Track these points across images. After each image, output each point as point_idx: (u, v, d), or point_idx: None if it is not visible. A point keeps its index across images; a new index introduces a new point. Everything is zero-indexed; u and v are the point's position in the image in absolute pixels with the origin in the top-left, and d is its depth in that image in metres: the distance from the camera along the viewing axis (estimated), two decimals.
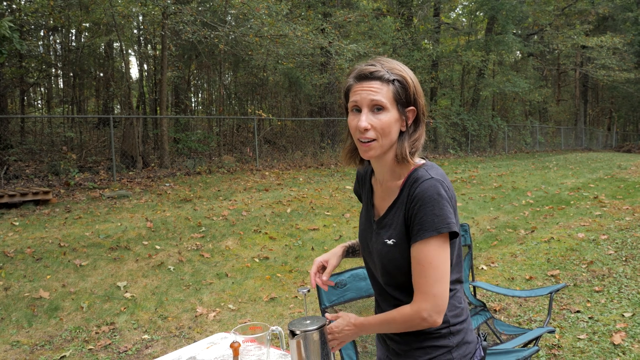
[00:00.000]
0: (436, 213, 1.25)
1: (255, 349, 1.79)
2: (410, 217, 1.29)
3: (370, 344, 2.46)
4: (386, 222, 1.39)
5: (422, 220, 1.26)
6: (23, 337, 3.99)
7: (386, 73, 1.30)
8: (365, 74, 1.30)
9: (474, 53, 20.40)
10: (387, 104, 1.29)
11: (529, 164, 17.44)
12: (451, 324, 1.38)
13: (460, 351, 1.38)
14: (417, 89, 1.33)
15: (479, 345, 1.44)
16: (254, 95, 20.11)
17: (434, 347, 1.37)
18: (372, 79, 1.30)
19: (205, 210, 7.80)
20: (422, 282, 1.28)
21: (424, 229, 1.26)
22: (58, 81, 19.14)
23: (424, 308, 1.28)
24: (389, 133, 1.31)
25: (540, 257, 5.88)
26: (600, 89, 36.25)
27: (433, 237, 1.26)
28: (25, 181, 10.00)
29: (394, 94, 1.30)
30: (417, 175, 1.32)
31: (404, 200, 1.33)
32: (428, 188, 1.27)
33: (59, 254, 5.63)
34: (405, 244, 1.33)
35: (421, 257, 1.28)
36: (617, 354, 3.40)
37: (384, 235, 1.37)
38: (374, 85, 1.29)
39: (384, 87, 1.29)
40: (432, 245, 1.27)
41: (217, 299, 4.80)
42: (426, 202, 1.26)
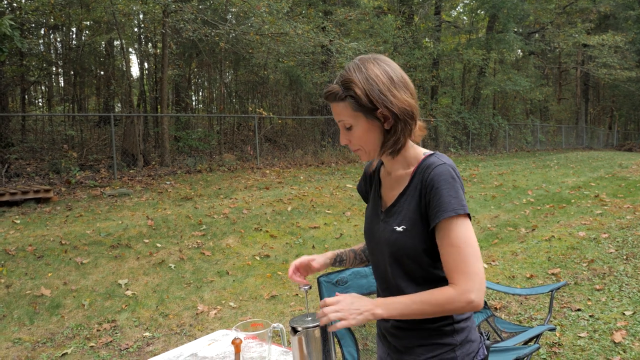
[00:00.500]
0: (452, 195, 1.25)
1: (257, 345, 1.80)
2: (427, 201, 1.29)
3: (371, 342, 2.46)
4: (396, 210, 1.37)
5: (441, 202, 1.25)
6: (25, 334, 4.00)
7: (340, 90, 1.31)
8: (325, 97, 1.35)
9: (475, 51, 20.38)
10: (351, 121, 1.32)
11: (530, 162, 17.44)
12: (455, 321, 1.36)
13: (464, 349, 1.36)
14: (374, 93, 1.28)
15: (482, 344, 1.42)
16: (255, 93, 20.11)
17: (437, 344, 1.36)
18: (332, 101, 1.34)
19: (206, 209, 7.81)
20: (460, 264, 1.24)
21: (443, 210, 1.24)
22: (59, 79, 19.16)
23: (470, 289, 1.23)
24: (366, 141, 1.35)
25: (541, 256, 5.88)
26: (602, 88, 36.22)
27: (456, 217, 1.25)
28: (27, 179, 10.02)
29: (352, 108, 1.31)
30: (429, 162, 1.33)
31: (416, 187, 1.33)
32: (443, 172, 1.28)
33: (60, 251, 5.64)
34: (415, 230, 1.31)
35: (452, 239, 1.25)
36: (618, 352, 3.41)
37: (393, 223, 1.36)
38: (335, 107, 1.34)
39: (341, 104, 1.32)
40: (459, 225, 1.25)
41: (218, 297, 4.81)
42: (442, 184, 1.26)
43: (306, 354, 1.41)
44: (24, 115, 14.34)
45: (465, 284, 1.23)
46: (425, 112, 20.24)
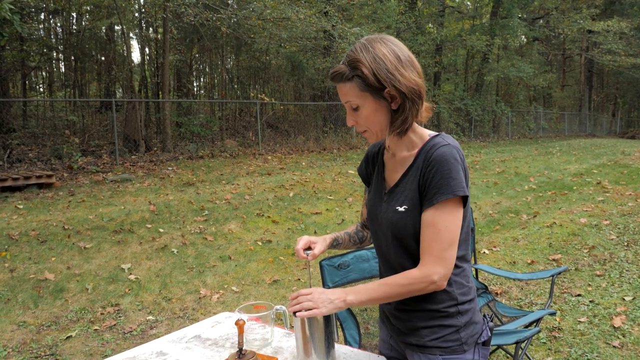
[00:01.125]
0: (453, 176, 1.26)
1: (260, 327, 1.81)
2: (426, 181, 1.29)
3: (373, 326, 2.48)
4: (398, 190, 1.38)
5: (440, 183, 1.26)
6: (29, 318, 4.04)
7: (347, 70, 1.30)
8: (331, 77, 1.35)
9: (478, 37, 20.23)
10: (358, 101, 1.32)
11: (532, 149, 17.40)
12: (459, 302, 1.37)
13: (468, 331, 1.37)
14: (381, 72, 1.27)
15: (486, 326, 1.43)
16: (257, 79, 20.02)
17: (442, 326, 1.37)
18: (338, 82, 1.33)
19: (208, 194, 7.83)
20: (434, 246, 1.28)
21: (441, 192, 1.26)
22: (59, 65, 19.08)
23: (435, 271, 1.28)
24: (373, 122, 1.34)
25: (542, 242, 5.89)
26: (606, 75, 35.98)
27: (449, 200, 1.27)
28: (29, 165, 10.03)
29: (359, 88, 1.30)
30: (433, 142, 1.33)
31: (419, 166, 1.33)
32: (445, 153, 1.28)
33: (64, 236, 5.67)
34: (417, 210, 1.32)
35: (436, 220, 1.27)
36: (617, 336, 3.43)
37: (395, 204, 1.37)
38: (342, 87, 1.33)
39: (348, 85, 1.31)
40: (448, 209, 1.27)
41: (221, 281, 4.84)
42: (443, 165, 1.27)
43: (308, 335, 1.43)
44: (25, 101, 14.32)
45: (431, 267, 1.27)
46: (428, 99, 20.06)
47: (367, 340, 2.39)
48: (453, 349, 1.36)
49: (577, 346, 3.32)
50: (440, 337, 1.37)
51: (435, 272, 1.27)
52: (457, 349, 1.36)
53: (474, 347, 1.38)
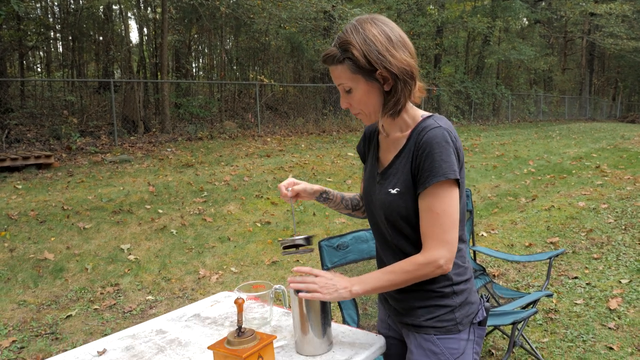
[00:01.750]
0: (444, 159, 1.25)
1: (259, 306, 1.82)
2: (418, 164, 1.29)
3: (371, 307, 2.50)
4: (391, 172, 1.38)
5: (431, 167, 1.25)
6: (29, 297, 4.07)
7: (338, 53, 1.29)
8: (323, 60, 1.34)
9: (479, 19, 20.04)
10: (350, 84, 1.31)
11: (532, 133, 17.37)
12: (454, 282, 1.37)
13: (463, 311, 1.38)
14: (372, 54, 1.26)
15: (482, 306, 1.44)
16: (256, 60, 19.86)
17: (437, 306, 1.37)
18: (330, 64, 1.32)
19: (207, 176, 7.82)
20: (435, 230, 1.27)
21: (433, 175, 1.25)
22: (57, 45, 18.89)
23: (440, 255, 1.28)
24: (366, 105, 1.34)
25: (540, 225, 5.91)
26: (607, 58, 35.78)
27: (443, 183, 1.26)
28: (27, 145, 10.00)
29: (351, 70, 1.29)
30: (424, 125, 1.32)
31: (410, 149, 1.32)
32: (436, 135, 1.27)
33: (63, 217, 5.68)
34: (409, 193, 1.32)
35: (433, 204, 1.27)
36: (613, 318, 3.46)
37: (388, 185, 1.37)
38: (334, 70, 1.32)
39: (340, 67, 1.30)
40: (443, 192, 1.27)
41: (220, 262, 4.86)
42: (434, 148, 1.26)
43: (305, 314, 1.45)
44: (22, 81, 14.21)
45: (435, 251, 1.27)
46: (428, 81, 20.04)
47: (365, 321, 2.41)
48: (448, 329, 1.37)
49: (573, 327, 3.36)
50: (435, 317, 1.37)
51: (440, 256, 1.27)
52: (452, 328, 1.37)
53: (469, 327, 1.39)
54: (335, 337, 1.60)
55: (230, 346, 1.32)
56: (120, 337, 1.70)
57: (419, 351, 1.40)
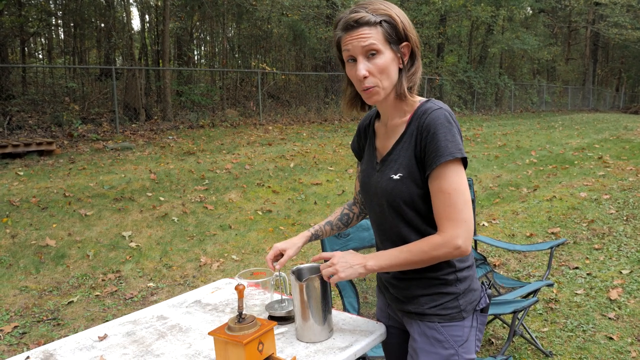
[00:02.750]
0: (449, 139, 1.25)
1: (259, 293, 1.83)
2: (424, 147, 1.28)
3: (371, 295, 2.51)
4: (392, 158, 1.37)
5: (437, 147, 1.24)
6: (31, 283, 4.08)
7: (371, 16, 1.27)
8: (351, 23, 1.28)
9: (483, 8, 19.88)
10: (380, 47, 1.28)
11: (535, 123, 17.30)
12: (457, 269, 1.37)
13: (467, 298, 1.37)
14: (406, 24, 1.31)
15: (484, 293, 1.43)
16: (258, 48, 19.75)
17: (440, 293, 1.36)
18: (359, 26, 1.28)
19: (209, 164, 7.82)
20: (450, 210, 1.25)
21: (440, 155, 1.24)
22: (59, 31, 18.80)
23: (457, 234, 1.25)
24: (388, 75, 1.31)
25: (542, 215, 5.91)
26: (611, 48, 35.53)
27: (451, 163, 1.25)
28: (29, 132, 9.99)
29: (384, 35, 1.28)
30: (425, 108, 1.32)
31: (412, 133, 1.32)
32: (439, 116, 1.27)
33: (64, 203, 5.68)
34: (412, 177, 1.31)
35: (444, 185, 1.26)
36: (613, 308, 3.47)
37: (390, 172, 1.35)
38: (363, 32, 1.27)
39: (373, 30, 1.27)
40: (452, 171, 1.25)
41: (221, 250, 4.87)
42: (439, 128, 1.25)
43: (306, 301, 1.45)
44: (24, 67, 14.17)
45: (452, 230, 1.25)
46: (431, 70, 19.94)
47: (366, 310, 2.42)
48: (452, 316, 1.36)
49: (573, 317, 3.36)
50: (439, 305, 1.36)
51: (458, 235, 1.25)
52: (456, 316, 1.36)
53: (472, 314, 1.38)
54: (335, 324, 1.61)
55: (231, 332, 1.32)
56: (121, 322, 1.71)
57: (423, 339, 1.39)
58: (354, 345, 1.47)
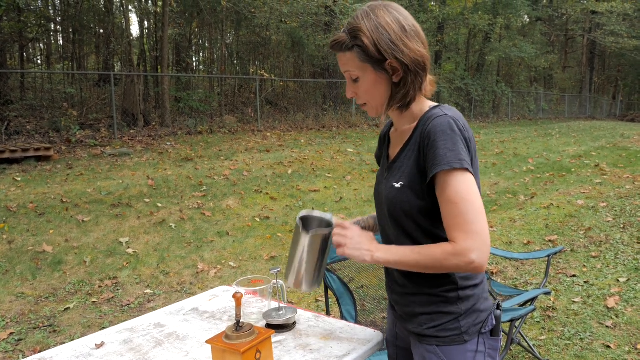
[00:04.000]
0: (449, 147, 1.16)
1: (257, 301, 1.82)
2: (425, 155, 1.20)
3: (369, 303, 2.51)
4: (396, 166, 1.31)
5: (435, 155, 1.17)
6: (27, 289, 4.07)
7: (347, 39, 1.23)
8: (331, 46, 1.28)
9: (481, 16, 20.00)
10: (358, 72, 1.26)
11: (532, 131, 17.36)
12: (460, 287, 1.26)
13: (470, 319, 1.26)
14: (382, 42, 1.21)
15: (491, 314, 1.30)
16: (256, 55, 19.80)
17: (440, 313, 1.26)
18: (338, 51, 1.27)
19: (207, 170, 7.82)
20: (458, 221, 1.15)
21: (437, 164, 1.16)
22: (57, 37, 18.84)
23: (470, 247, 1.14)
24: (374, 95, 1.28)
25: (539, 223, 5.92)
26: (608, 57, 35.73)
27: (450, 172, 1.15)
28: (27, 137, 9.98)
29: (359, 59, 1.24)
30: (430, 114, 1.24)
31: (416, 140, 1.25)
32: (441, 123, 1.19)
33: (62, 209, 5.67)
34: (413, 187, 1.23)
35: (449, 194, 1.16)
36: (610, 316, 3.47)
37: (392, 180, 1.29)
38: (342, 57, 1.27)
39: (348, 55, 1.25)
40: (456, 180, 1.16)
41: (218, 257, 4.86)
42: (439, 136, 1.17)
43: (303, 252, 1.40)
44: (22, 73, 14.17)
45: (464, 242, 1.14)
46: None
47: (363, 317, 2.42)
48: (451, 339, 1.25)
49: (571, 326, 3.36)
50: (438, 326, 1.27)
51: (469, 247, 1.14)
52: (456, 339, 1.25)
53: (477, 337, 1.26)
54: (333, 332, 1.60)
55: (229, 340, 1.32)
56: (118, 330, 1.70)
57: None
58: (351, 353, 1.46)
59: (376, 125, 15.38)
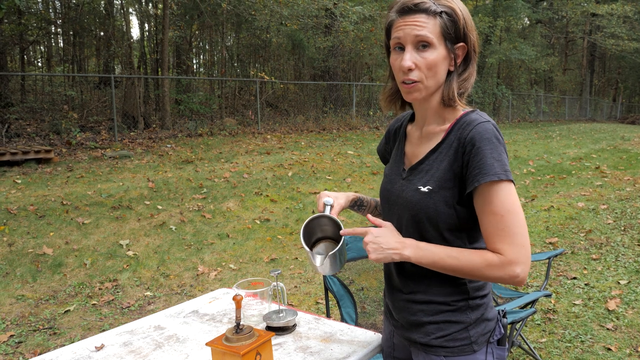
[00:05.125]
0: (496, 157, 1.11)
1: (257, 304, 1.82)
2: (466, 162, 1.14)
3: (369, 305, 2.50)
4: (423, 168, 1.23)
5: (482, 164, 1.11)
6: (28, 292, 4.06)
7: (433, 4, 1.15)
8: (409, 6, 1.16)
9: (481, 19, 20.02)
10: (434, 40, 1.15)
11: (532, 133, 17.36)
12: (470, 297, 1.23)
13: (479, 329, 1.23)
14: (468, 23, 1.18)
15: (499, 323, 1.28)
16: (257, 57, 19.83)
17: (449, 322, 1.23)
18: (416, 12, 1.15)
19: (207, 172, 7.82)
20: (505, 234, 1.11)
21: (484, 173, 1.10)
22: (58, 40, 18.86)
23: (517, 260, 1.10)
24: (435, 73, 1.18)
25: (540, 225, 5.91)
26: (608, 59, 35.76)
27: (499, 183, 1.11)
28: (27, 140, 9.99)
29: (441, 29, 1.16)
30: (469, 119, 1.18)
31: (451, 145, 1.19)
32: (487, 130, 1.14)
33: (62, 211, 5.67)
34: (442, 193, 1.18)
35: (494, 206, 1.11)
36: (611, 319, 3.46)
37: (418, 182, 1.22)
38: (419, 19, 1.15)
39: (431, 20, 1.15)
40: (503, 191, 1.11)
41: (219, 259, 4.86)
42: (485, 144, 1.12)
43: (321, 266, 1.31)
44: (23, 75, 14.19)
45: (511, 255, 1.10)
46: None
47: (364, 320, 2.41)
48: (461, 349, 1.22)
49: (571, 328, 3.36)
50: (447, 335, 1.23)
51: (517, 261, 1.10)
52: (466, 348, 1.22)
53: (485, 347, 1.24)
54: (333, 335, 1.60)
55: (229, 343, 1.31)
56: (118, 332, 1.70)
57: None
58: (351, 356, 1.46)
59: (376, 128, 15.39)
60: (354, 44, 16.91)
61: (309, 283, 4.33)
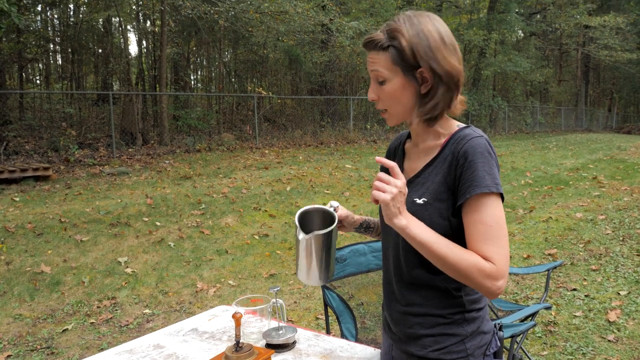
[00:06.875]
0: (487, 170, 1.15)
1: (257, 321, 1.82)
2: (458, 175, 1.17)
3: (369, 320, 2.49)
4: (419, 181, 1.26)
5: (474, 177, 1.14)
6: (25, 311, 4.04)
7: (384, 39, 1.20)
8: (365, 44, 1.24)
9: (475, 32, 20.21)
10: (386, 74, 1.21)
11: (529, 144, 17.43)
12: (467, 309, 1.24)
13: (475, 341, 1.24)
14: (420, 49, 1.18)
15: (495, 336, 1.30)
16: (254, 72, 19.96)
17: (445, 335, 1.24)
18: (370, 49, 1.23)
19: (205, 188, 7.82)
20: (492, 244, 1.13)
21: (475, 185, 1.13)
22: (56, 57, 18.97)
23: (503, 274, 1.12)
24: (397, 101, 1.23)
25: (538, 237, 5.91)
26: (602, 70, 36.04)
27: (489, 195, 1.14)
28: (25, 157, 9.99)
29: (392, 61, 1.20)
30: (463, 134, 1.22)
31: (445, 158, 1.22)
32: (479, 145, 1.17)
33: (60, 229, 5.66)
34: (437, 205, 1.20)
35: (484, 216, 1.14)
36: (612, 330, 3.45)
37: (414, 195, 1.24)
38: (372, 55, 1.23)
39: (381, 55, 1.21)
40: (492, 204, 1.14)
41: (217, 275, 4.84)
42: (477, 158, 1.16)
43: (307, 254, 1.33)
44: (21, 93, 14.24)
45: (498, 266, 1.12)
46: None
47: (364, 335, 2.40)
48: None
49: (573, 340, 3.35)
50: (443, 348, 1.23)
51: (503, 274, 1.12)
52: None
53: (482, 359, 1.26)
54: (333, 351, 1.60)
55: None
56: (117, 352, 1.69)
57: None
58: None
59: (374, 141, 15.43)
60: (350, 58, 17.03)
61: (309, 298, 4.31)
